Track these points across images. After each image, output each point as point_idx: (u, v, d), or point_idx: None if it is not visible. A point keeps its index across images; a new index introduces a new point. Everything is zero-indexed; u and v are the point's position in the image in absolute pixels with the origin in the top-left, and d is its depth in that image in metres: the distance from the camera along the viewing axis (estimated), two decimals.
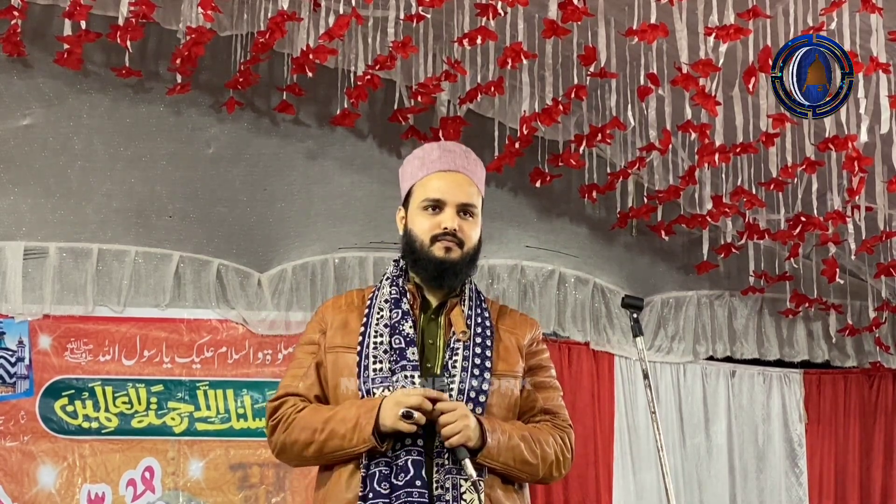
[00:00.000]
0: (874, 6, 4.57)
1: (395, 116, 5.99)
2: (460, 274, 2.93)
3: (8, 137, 5.73)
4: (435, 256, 2.89)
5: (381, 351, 2.84)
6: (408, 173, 3.02)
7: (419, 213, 2.94)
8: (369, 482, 2.73)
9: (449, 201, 2.92)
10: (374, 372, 2.82)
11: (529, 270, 6.62)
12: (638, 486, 6.67)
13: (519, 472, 2.85)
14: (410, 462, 2.73)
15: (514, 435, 2.83)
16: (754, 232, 6.37)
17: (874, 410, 7.33)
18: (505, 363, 2.91)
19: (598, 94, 5.95)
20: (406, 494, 2.70)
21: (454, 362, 2.84)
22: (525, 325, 3.04)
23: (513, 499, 2.86)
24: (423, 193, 2.95)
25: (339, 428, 2.76)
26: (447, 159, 2.98)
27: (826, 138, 5.23)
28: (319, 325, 2.98)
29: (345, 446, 2.76)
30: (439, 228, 2.90)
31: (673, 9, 4.89)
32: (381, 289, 2.97)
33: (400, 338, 2.85)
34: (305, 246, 6.18)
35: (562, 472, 2.98)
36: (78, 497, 5.55)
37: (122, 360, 5.71)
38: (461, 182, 2.96)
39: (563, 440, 2.98)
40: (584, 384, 6.61)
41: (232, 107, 5.90)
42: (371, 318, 2.90)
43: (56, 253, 5.69)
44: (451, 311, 2.92)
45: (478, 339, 2.89)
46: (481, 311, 2.96)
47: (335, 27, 5.16)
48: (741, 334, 7.12)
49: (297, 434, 2.83)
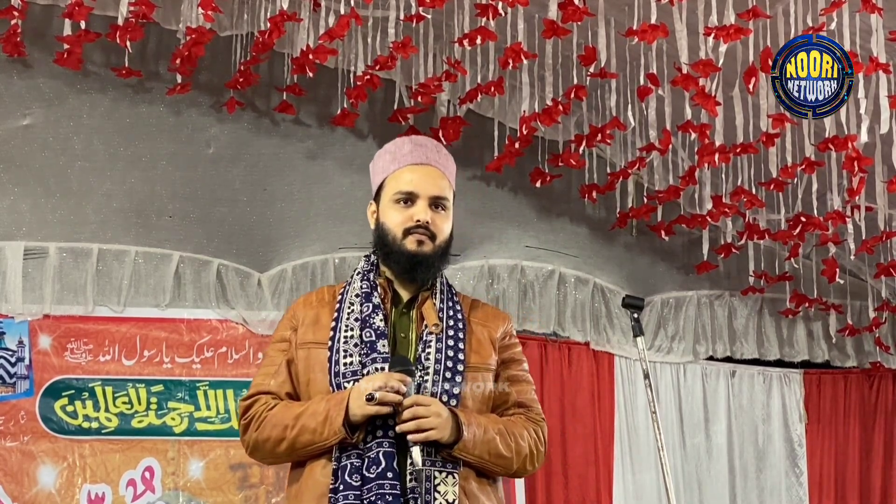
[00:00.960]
0: (874, 6, 4.57)
1: (395, 116, 5.99)
2: (432, 267, 2.96)
3: (8, 137, 5.72)
4: (407, 250, 2.91)
5: (352, 345, 2.84)
6: (379, 167, 3.03)
7: (391, 207, 2.95)
8: (340, 474, 2.74)
9: (421, 194, 2.93)
10: (345, 366, 2.82)
11: (529, 270, 6.62)
12: (638, 486, 6.67)
13: (493, 466, 2.85)
14: (382, 454, 2.73)
15: (490, 428, 2.84)
16: (754, 232, 6.37)
17: (874, 410, 7.33)
18: (478, 356, 2.93)
19: (598, 94, 5.95)
20: (378, 486, 2.70)
21: (427, 355, 2.84)
22: (497, 319, 3.06)
23: (487, 492, 2.86)
24: (395, 186, 2.95)
25: (310, 422, 2.76)
26: (419, 153, 3.00)
27: (826, 138, 5.23)
28: (291, 322, 2.98)
29: (316, 440, 2.76)
30: (412, 221, 2.91)
31: (673, 9, 4.89)
32: (351, 283, 2.98)
33: (371, 331, 2.85)
34: (305, 246, 6.18)
35: (535, 466, 2.98)
36: (78, 497, 5.54)
37: (122, 360, 5.70)
38: (433, 175, 2.97)
39: (536, 434, 2.97)
40: (584, 384, 6.61)
41: (232, 107, 5.90)
42: (342, 313, 2.91)
43: (56, 253, 5.69)
44: (423, 305, 2.92)
45: (450, 331, 2.90)
46: (453, 305, 2.98)
47: (335, 27, 5.16)
48: (741, 334, 7.12)
49: (268, 431, 2.84)
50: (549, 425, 6.69)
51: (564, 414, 6.51)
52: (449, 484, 2.75)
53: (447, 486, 2.74)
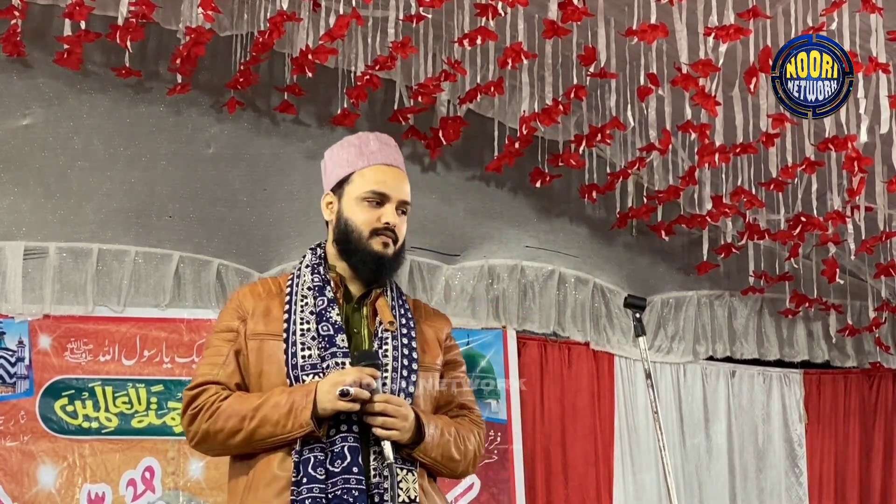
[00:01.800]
0: (874, 6, 4.57)
1: (395, 116, 5.99)
2: (394, 269, 2.96)
3: (8, 137, 5.72)
4: (374, 250, 2.91)
5: (309, 338, 2.82)
6: (343, 160, 3.01)
7: (358, 204, 2.95)
8: (303, 467, 2.71)
9: (392, 197, 2.94)
10: (304, 359, 2.80)
11: (529, 270, 6.61)
12: (638, 486, 6.67)
13: (442, 468, 2.88)
14: (347, 448, 2.72)
15: (446, 431, 2.86)
16: (754, 232, 6.37)
17: (874, 410, 7.33)
18: (429, 356, 2.95)
19: (598, 94, 5.95)
20: (343, 481, 2.69)
21: (384, 352, 2.84)
22: (441, 320, 3.08)
23: (436, 489, 2.89)
24: (365, 185, 2.95)
25: (272, 414, 2.72)
26: (387, 153, 3.00)
27: (826, 138, 5.24)
28: (237, 312, 2.92)
29: (277, 433, 2.72)
30: (380, 223, 2.91)
31: (673, 9, 4.89)
32: (300, 276, 2.97)
33: (328, 325, 2.84)
34: (305, 246, 6.12)
35: (475, 468, 3.01)
36: (78, 497, 5.54)
37: (122, 360, 5.70)
38: (401, 178, 2.99)
39: (479, 436, 3.00)
40: (584, 384, 6.61)
41: (232, 107, 5.90)
42: (295, 306, 2.88)
43: (56, 253, 5.68)
44: (376, 301, 2.91)
45: (404, 329, 2.90)
46: (402, 304, 2.98)
47: (335, 27, 5.16)
48: (741, 334, 7.12)
49: (222, 422, 2.78)
50: (549, 425, 6.74)
51: (564, 414, 6.51)
52: (410, 481, 2.76)
53: (408, 483, 2.76)
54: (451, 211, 6.40)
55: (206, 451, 2.92)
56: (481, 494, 6.19)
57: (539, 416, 6.45)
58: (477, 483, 6.18)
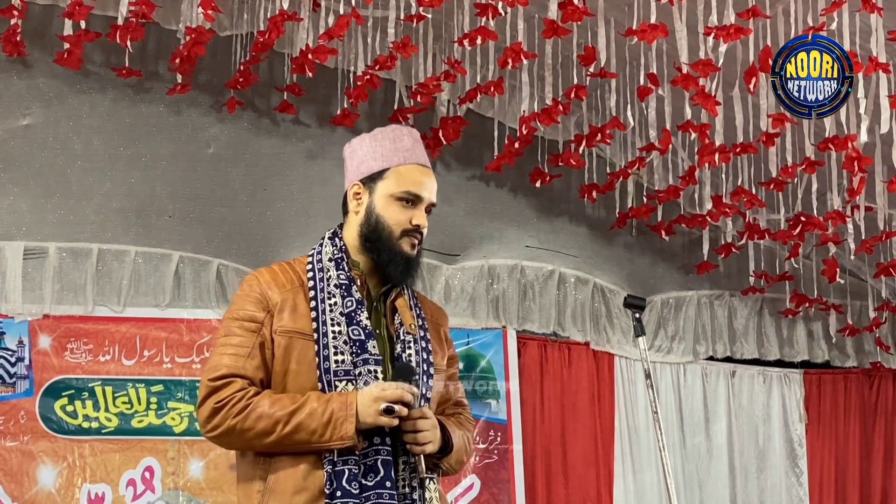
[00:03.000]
0: (874, 6, 4.57)
1: (395, 116, 5.99)
2: (418, 270, 2.95)
3: (8, 137, 5.72)
4: (403, 251, 2.88)
5: (342, 342, 2.78)
6: (378, 153, 2.93)
7: (392, 202, 2.89)
8: (336, 480, 2.68)
9: (425, 199, 2.92)
10: (336, 364, 2.76)
11: (529, 270, 6.62)
12: (638, 486, 6.67)
13: (452, 470, 2.90)
14: (380, 462, 2.71)
15: (461, 436, 2.90)
16: (754, 232, 6.37)
17: (874, 410, 7.34)
18: (438, 357, 2.94)
19: (598, 94, 5.95)
20: (377, 496, 2.68)
21: (409, 356, 2.82)
22: (442, 315, 3.07)
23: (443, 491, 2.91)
24: (402, 184, 2.89)
25: (309, 422, 2.68)
26: (420, 152, 2.97)
27: (826, 138, 5.24)
28: (261, 302, 2.83)
29: (314, 441, 2.68)
30: (410, 224, 2.88)
31: (673, 9, 4.89)
32: (323, 270, 2.91)
33: (358, 329, 2.80)
34: (305, 246, 6.12)
35: None
36: (78, 497, 5.54)
37: (122, 360, 5.70)
38: (433, 180, 2.97)
39: (471, 432, 3.04)
40: (584, 384, 6.62)
41: (232, 107, 5.90)
42: (323, 304, 2.82)
43: (56, 253, 5.68)
44: (397, 300, 2.89)
45: (421, 331, 2.89)
46: (416, 303, 2.96)
47: (335, 27, 5.16)
48: (741, 334, 7.13)
49: (252, 422, 2.70)
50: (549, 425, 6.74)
51: (564, 414, 6.52)
52: (432, 490, 2.78)
53: (431, 491, 2.78)
54: (452, 211, 6.40)
55: (225, 445, 2.84)
56: (481, 494, 6.20)
57: (539, 416, 6.45)
58: (477, 483, 6.19)
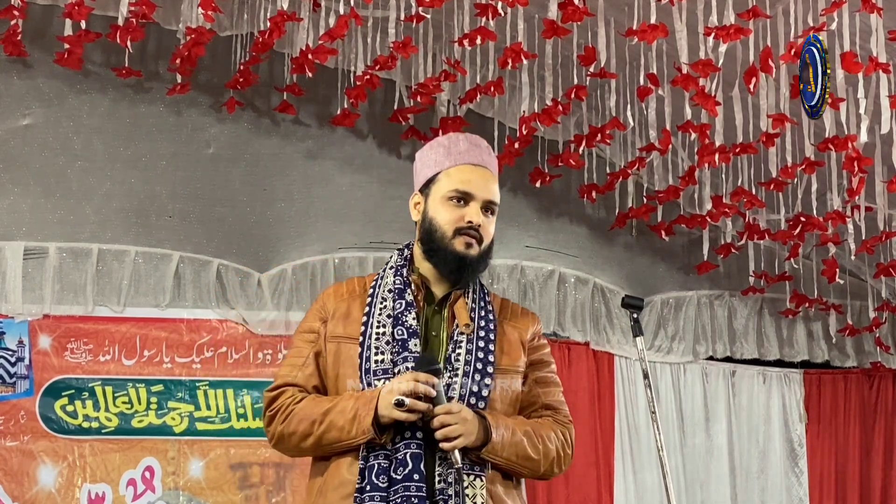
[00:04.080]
0: (874, 6, 4.57)
1: (395, 116, 5.99)
2: (477, 270, 2.92)
3: (8, 137, 5.73)
4: (456, 250, 2.87)
5: (384, 342, 2.80)
6: (431, 160, 2.96)
7: (444, 203, 2.89)
8: (367, 474, 2.71)
9: (477, 196, 2.90)
10: (376, 363, 2.79)
11: (529, 270, 6.62)
12: (639, 485, 6.67)
13: (521, 468, 2.84)
14: (409, 455, 2.70)
15: (518, 430, 2.82)
16: (754, 232, 6.37)
17: (874, 410, 7.33)
18: (508, 357, 2.89)
19: (597, 94, 5.95)
20: (404, 489, 2.68)
21: (457, 356, 2.81)
22: (527, 320, 3.02)
23: (512, 495, 2.85)
24: (450, 184, 2.90)
25: (338, 420, 2.74)
26: (475, 153, 2.96)
27: (826, 138, 5.23)
28: (320, 313, 2.92)
29: (343, 438, 2.73)
30: (463, 222, 2.87)
31: (673, 9, 4.89)
32: (383, 278, 2.93)
33: (403, 329, 2.81)
34: (305, 246, 6.18)
35: (562, 468, 2.97)
36: (78, 497, 5.55)
37: (122, 360, 5.71)
38: (488, 178, 2.94)
39: (564, 436, 2.97)
40: (584, 384, 6.61)
41: (232, 107, 5.90)
42: (374, 308, 2.86)
43: (56, 253, 5.69)
44: (455, 304, 2.88)
45: (481, 332, 2.86)
46: (485, 305, 2.93)
47: (335, 27, 5.16)
48: (741, 334, 7.12)
49: (295, 425, 2.80)
50: None
51: None
52: (477, 487, 2.73)
53: (475, 488, 2.73)
54: None
55: (285, 452, 2.94)
56: None
57: None
58: None
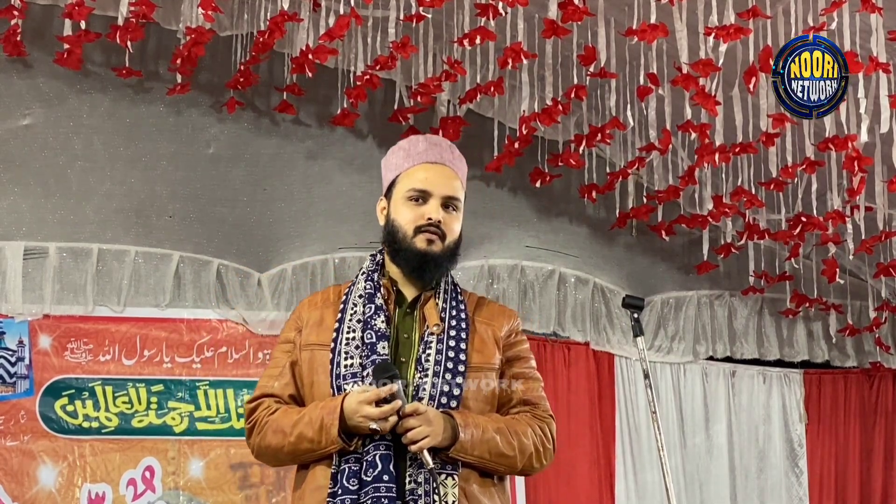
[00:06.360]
0: (874, 6, 4.57)
1: (395, 116, 5.99)
2: (441, 267, 2.92)
3: (8, 137, 5.73)
4: (417, 248, 2.88)
5: (353, 346, 2.82)
6: (392, 164, 3.00)
7: (404, 204, 2.92)
8: (339, 478, 2.72)
9: (434, 193, 2.91)
10: (346, 368, 2.80)
11: (529, 270, 6.62)
12: (640, 485, 6.67)
13: (496, 465, 2.82)
14: (379, 457, 2.71)
15: (489, 428, 2.81)
16: (754, 232, 6.37)
17: (874, 410, 7.33)
18: (481, 355, 2.89)
19: (598, 94, 5.95)
20: (374, 490, 2.68)
21: (427, 356, 2.81)
22: (502, 317, 3.01)
23: (490, 493, 2.84)
24: (408, 184, 2.93)
25: (307, 431, 2.76)
26: (434, 152, 2.97)
27: (826, 138, 5.24)
28: (296, 323, 2.97)
29: (315, 448, 2.76)
30: (423, 219, 2.88)
31: (673, 9, 4.89)
32: (356, 284, 2.96)
33: (371, 332, 2.83)
34: (305, 246, 6.18)
35: (543, 464, 2.94)
36: (78, 496, 5.55)
37: (122, 360, 5.71)
38: (447, 175, 2.95)
39: (542, 431, 2.92)
40: (584, 384, 6.61)
41: (232, 107, 5.90)
42: (345, 314, 2.89)
43: (56, 253, 5.69)
44: (426, 305, 2.89)
45: (452, 331, 2.87)
46: (456, 304, 2.93)
47: (335, 27, 5.16)
48: (741, 334, 7.12)
49: (269, 438, 2.84)
50: None
51: (565, 414, 6.51)
52: (449, 486, 2.73)
53: (447, 487, 2.73)
54: None
55: (268, 464, 2.99)
56: None
57: None
58: None
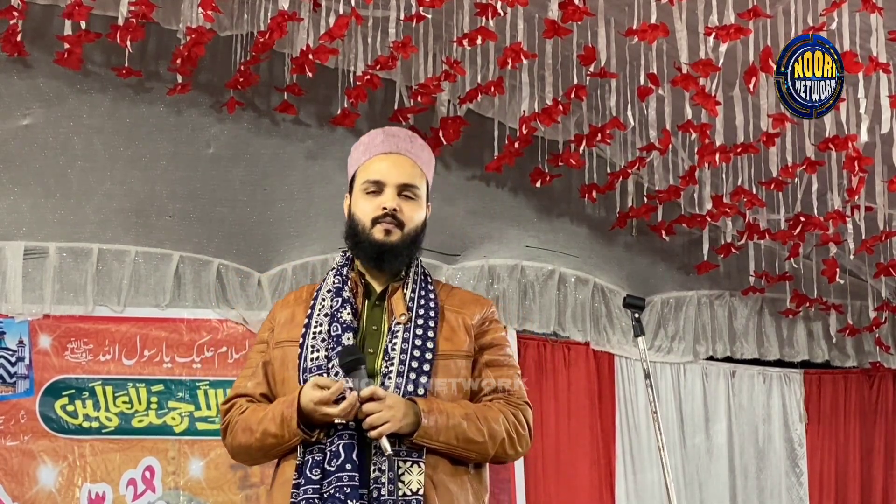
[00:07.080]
0: (874, 6, 4.58)
1: (395, 116, 5.99)
2: (401, 256, 2.91)
3: (8, 137, 5.72)
4: (375, 239, 2.89)
5: (320, 340, 2.84)
6: (353, 159, 3.02)
7: (362, 197, 2.93)
8: (303, 469, 2.73)
9: (389, 182, 2.91)
10: (312, 361, 2.82)
11: (529, 270, 6.62)
12: (639, 485, 6.67)
13: (465, 452, 2.81)
14: (342, 446, 2.71)
15: (456, 413, 2.79)
16: (754, 232, 6.37)
17: (874, 410, 7.33)
18: (450, 343, 2.88)
19: (598, 94, 5.95)
20: (337, 479, 2.68)
21: (394, 346, 2.81)
22: (475, 305, 3.00)
23: (461, 481, 2.83)
24: (364, 176, 2.95)
25: (270, 426, 2.78)
26: (390, 143, 2.98)
27: (826, 138, 5.24)
28: (270, 323, 3.00)
29: (280, 442, 2.78)
30: (379, 210, 2.89)
31: (673, 9, 4.89)
32: (326, 280, 2.98)
33: (338, 325, 2.84)
34: (305, 246, 6.18)
35: (518, 450, 2.94)
36: (78, 496, 5.54)
37: (122, 360, 5.71)
38: (402, 163, 2.95)
39: (516, 417, 2.93)
40: (584, 384, 6.61)
41: (232, 107, 5.90)
42: (314, 310, 2.91)
43: (56, 253, 5.69)
44: (394, 296, 2.90)
45: (419, 321, 2.87)
46: (426, 294, 2.93)
47: (335, 27, 5.16)
48: (741, 334, 7.12)
49: (239, 437, 2.87)
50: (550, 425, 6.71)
51: (565, 414, 6.51)
52: (414, 473, 2.72)
53: (412, 475, 2.72)
54: (452, 211, 6.40)
55: (244, 463, 3.02)
56: None
57: (539, 416, 6.44)
58: None
